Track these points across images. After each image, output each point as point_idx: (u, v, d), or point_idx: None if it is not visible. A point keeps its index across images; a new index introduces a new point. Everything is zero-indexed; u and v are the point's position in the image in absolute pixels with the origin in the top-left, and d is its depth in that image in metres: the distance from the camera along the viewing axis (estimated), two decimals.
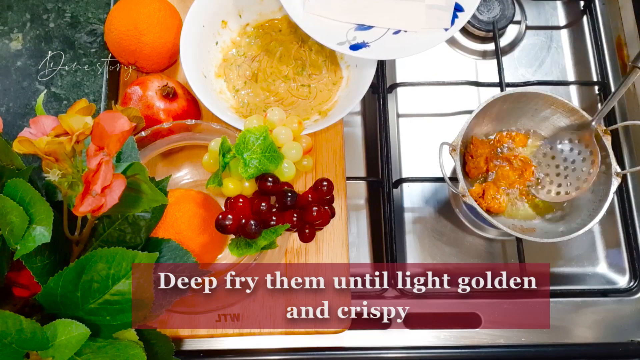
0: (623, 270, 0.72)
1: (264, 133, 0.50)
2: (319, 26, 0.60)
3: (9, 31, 0.67)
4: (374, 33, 0.60)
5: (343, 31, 0.60)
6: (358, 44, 0.59)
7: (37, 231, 0.40)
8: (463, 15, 0.60)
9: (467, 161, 0.67)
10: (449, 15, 0.60)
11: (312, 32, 0.58)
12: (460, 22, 0.59)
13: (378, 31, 0.60)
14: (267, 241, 0.49)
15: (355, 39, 0.59)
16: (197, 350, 0.61)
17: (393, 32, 0.60)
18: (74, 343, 0.39)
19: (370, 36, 0.60)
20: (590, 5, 0.82)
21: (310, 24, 0.59)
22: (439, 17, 0.60)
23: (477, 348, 0.64)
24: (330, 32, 0.60)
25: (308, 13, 0.60)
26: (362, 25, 0.60)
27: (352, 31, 0.60)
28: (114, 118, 0.39)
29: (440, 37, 0.60)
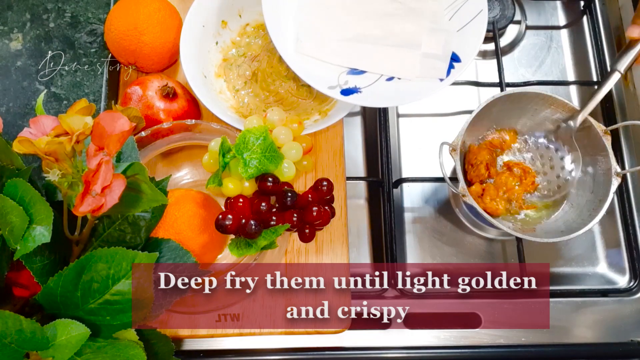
0: (623, 270, 0.72)
1: (264, 133, 0.50)
2: (310, 67, 0.57)
3: (9, 31, 0.67)
4: (366, 78, 0.58)
5: (335, 74, 0.58)
6: (350, 89, 0.56)
7: (37, 231, 0.40)
8: (459, 66, 0.58)
9: (468, 170, 0.66)
10: (445, 66, 0.58)
11: (303, 73, 0.55)
12: (457, 72, 0.58)
13: (371, 77, 0.58)
14: (267, 241, 0.49)
15: (347, 83, 0.57)
16: (197, 350, 0.61)
17: (386, 78, 0.58)
18: (74, 343, 0.39)
19: (363, 81, 0.58)
20: (590, 5, 0.82)
21: (301, 65, 0.57)
22: (435, 67, 0.58)
23: (477, 348, 0.64)
24: (321, 74, 0.57)
25: (300, 53, 0.58)
26: (355, 69, 0.58)
27: (344, 75, 0.58)
28: (114, 118, 0.39)
29: (434, 86, 0.58)
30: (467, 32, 0.59)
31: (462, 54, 0.58)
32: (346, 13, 0.60)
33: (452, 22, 0.60)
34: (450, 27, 0.60)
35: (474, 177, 0.66)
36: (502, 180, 0.66)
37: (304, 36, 0.58)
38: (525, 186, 0.66)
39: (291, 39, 0.58)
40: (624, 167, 0.74)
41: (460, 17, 0.60)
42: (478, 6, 0.60)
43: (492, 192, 0.65)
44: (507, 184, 0.66)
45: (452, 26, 0.60)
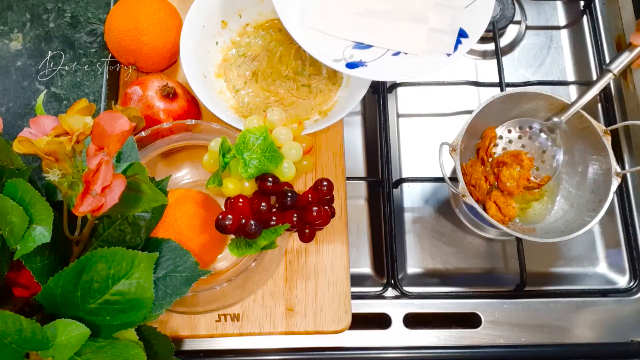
0: (623, 270, 0.72)
1: (264, 133, 0.50)
2: (315, 41, 0.57)
3: (9, 31, 0.67)
4: (372, 52, 0.58)
5: (340, 48, 0.57)
6: (355, 63, 0.56)
7: (37, 231, 0.40)
8: (467, 42, 0.57)
9: (472, 192, 0.66)
10: (452, 41, 0.57)
11: (308, 46, 0.55)
12: (464, 48, 0.57)
13: (377, 51, 0.58)
14: (267, 241, 0.49)
15: (353, 57, 0.57)
16: (197, 350, 0.61)
17: (392, 53, 0.58)
18: (74, 343, 0.39)
19: (369, 55, 0.57)
20: (590, 5, 0.82)
21: (306, 38, 0.56)
22: (442, 42, 0.58)
23: (477, 348, 0.64)
24: (326, 48, 0.57)
25: (305, 26, 0.57)
26: (361, 43, 0.58)
27: (349, 49, 0.57)
28: (114, 118, 0.39)
29: (441, 61, 0.57)
30: (474, 8, 0.58)
31: (469, 30, 0.58)
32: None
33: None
34: (458, 3, 0.59)
35: (481, 195, 0.66)
36: (506, 177, 0.66)
37: (309, 9, 0.58)
38: (526, 166, 0.67)
39: (296, 12, 0.57)
40: (624, 167, 0.74)
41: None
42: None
43: (501, 200, 0.65)
44: (512, 178, 0.66)
45: (460, 3, 0.59)
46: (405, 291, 0.66)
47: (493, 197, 0.65)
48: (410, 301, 0.66)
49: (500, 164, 0.67)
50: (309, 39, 0.56)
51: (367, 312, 0.66)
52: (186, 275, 0.47)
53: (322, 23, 0.58)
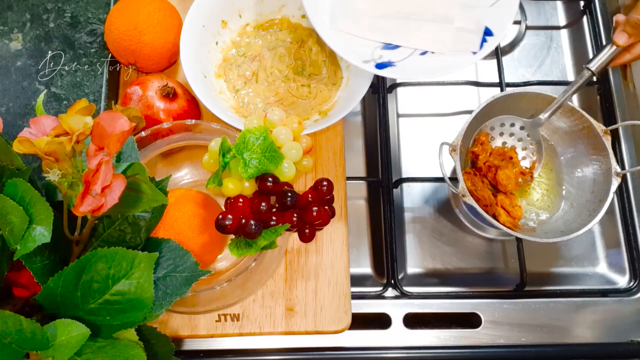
0: (623, 270, 0.72)
1: (264, 133, 0.50)
2: (345, 43, 0.58)
3: (9, 31, 0.67)
4: (400, 53, 0.59)
5: (369, 49, 0.59)
6: (384, 63, 0.57)
7: (37, 231, 0.40)
8: (492, 40, 0.58)
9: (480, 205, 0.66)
10: (477, 39, 0.59)
11: (338, 48, 0.56)
12: (490, 46, 0.58)
13: (405, 51, 0.59)
14: (267, 241, 0.49)
15: (382, 57, 0.58)
16: (197, 350, 0.61)
17: (420, 52, 0.59)
18: (74, 343, 0.39)
19: (397, 56, 0.59)
20: (590, 5, 0.82)
21: (337, 41, 0.57)
22: (468, 41, 0.59)
23: (477, 348, 0.64)
24: (356, 49, 0.59)
25: (335, 29, 0.59)
26: (389, 44, 0.59)
27: (378, 50, 0.59)
28: (114, 118, 0.39)
29: (467, 60, 0.58)
30: (499, 6, 0.60)
31: (494, 28, 0.59)
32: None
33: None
34: (483, 2, 0.60)
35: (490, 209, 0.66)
36: (504, 178, 0.66)
37: (339, 12, 0.59)
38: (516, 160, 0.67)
39: (326, 15, 0.59)
40: (624, 167, 0.74)
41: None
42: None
43: (507, 203, 0.65)
44: (508, 178, 0.66)
45: (485, 2, 0.60)
46: (405, 291, 0.66)
47: (499, 202, 0.66)
48: (410, 301, 0.66)
49: (491, 168, 0.67)
50: (338, 41, 0.57)
51: (367, 312, 0.66)
52: (186, 275, 0.47)
53: (351, 26, 0.59)
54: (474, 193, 0.64)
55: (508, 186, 0.66)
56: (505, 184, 0.66)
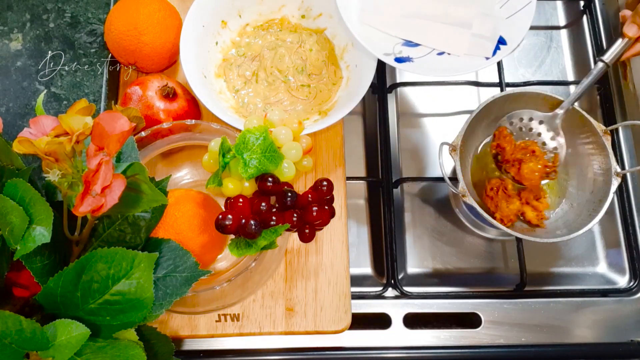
0: (623, 270, 0.72)
1: (264, 133, 0.50)
2: (369, 36, 0.63)
3: (9, 31, 0.67)
4: (419, 50, 0.64)
5: (391, 44, 0.64)
6: (403, 58, 0.63)
7: (37, 231, 0.40)
8: (505, 48, 0.63)
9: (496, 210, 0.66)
10: (492, 46, 0.63)
11: (362, 39, 0.60)
12: (502, 54, 0.63)
13: (423, 49, 0.64)
14: (267, 241, 0.49)
15: (401, 52, 0.63)
16: (197, 350, 0.61)
17: (437, 52, 0.64)
18: (74, 343, 0.39)
19: (416, 53, 0.64)
20: (590, 5, 0.82)
21: (362, 33, 0.62)
22: (482, 46, 0.63)
23: (477, 348, 0.64)
24: (379, 43, 0.63)
25: (362, 22, 0.64)
26: (410, 42, 0.65)
27: (399, 45, 0.64)
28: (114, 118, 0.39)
29: (480, 64, 0.63)
30: (515, 19, 0.65)
31: (508, 38, 0.64)
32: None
33: (503, 10, 0.66)
34: (500, 14, 0.66)
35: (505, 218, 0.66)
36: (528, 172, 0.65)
37: (368, 7, 0.65)
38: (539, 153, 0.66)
39: (354, 9, 0.65)
40: (624, 167, 0.74)
41: (510, 6, 0.66)
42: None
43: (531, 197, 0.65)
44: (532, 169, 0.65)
45: (502, 14, 0.65)
46: (405, 291, 0.66)
47: (524, 198, 0.65)
48: (410, 301, 0.66)
49: (514, 162, 0.66)
50: (363, 34, 0.62)
51: (367, 312, 0.66)
52: (186, 275, 0.47)
53: (377, 21, 0.65)
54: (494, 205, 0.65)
55: (532, 180, 0.65)
56: (530, 178, 0.65)
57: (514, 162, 0.66)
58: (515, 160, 0.66)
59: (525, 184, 0.66)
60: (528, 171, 0.65)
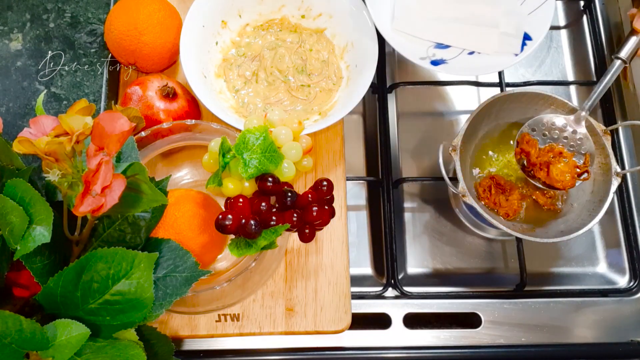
0: (623, 270, 0.72)
1: (264, 133, 0.50)
2: (403, 42, 0.67)
3: (9, 31, 0.67)
4: (451, 52, 0.67)
5: (424, 48, 0.67)
6: (437, 60, 0.66)
7: (37, 231, 0.40)
8: (531, 44, 0.66)
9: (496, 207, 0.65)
10: (518, 43, 0.66)
11: (398, 46, 0.64)
12: (529, 49, 0.65)
13: (454, 50, 0.67)
14: (267, 241, 0.49)
15: (435, 55, 0.66)
16: (197, 350, 0.61)
17: (468, 52, 0.67)
18: (74, 343, 0.39)
19: (448, 54, 0.67)
20: (590, 5, 0.82)
21: (396, 39, 0.66)
22: (510, 44, 0.66)
23: (477, 348, 0.64)
24: (413, 48, 0.67)
25: (395, 29, 0.67)
26: (441, 44, 0.67)
27: (431, 48, 0.67)
28: (114, 118, 0.39)
29: (510, 61, 0.66)
30: (536, 15, 0.67)
31: (532, 33, 0.66)
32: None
33: (523, 6, 0.68)
34: (523, 10, 0.68)
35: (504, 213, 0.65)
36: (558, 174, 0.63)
37: (399, 14, 0.68)
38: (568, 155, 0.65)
39: (387, 17, 0.68)
40: (624, 167, 0.74)
41: (531, 2, 0.68)
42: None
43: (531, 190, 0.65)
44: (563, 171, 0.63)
45: (524, 10, 0.68)
46: (405, 291, 0.66)
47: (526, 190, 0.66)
48: (410, 301, 0.66)
49: (542, 166, 0.65)
50: (397, 40, 0.66)
51: (367, 312, 0.66)
52: (186, 275, 0.47)
53: (409, 26, 0.67)
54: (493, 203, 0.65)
55: (564, 182, 0.63)
56: (561, 180, 0.63)
57: (541, 166, 0.65)
58: (542, 163, 0.65)
59: (558, 186, 0.64)
60: (558, 173, 0.63)
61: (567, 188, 0.64)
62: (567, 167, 0.64)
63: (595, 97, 0.65)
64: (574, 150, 0.66)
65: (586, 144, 0.66)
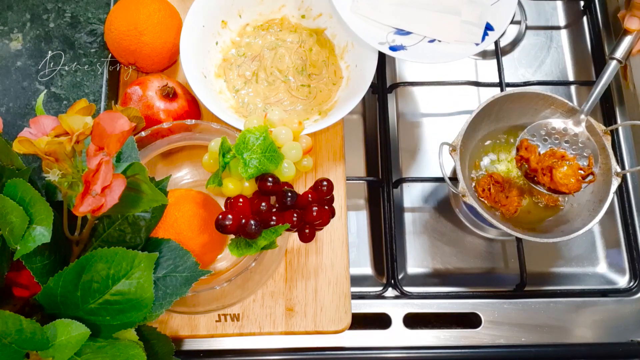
0: (623, 270, 0.72)
1: (264, 133, 0.50)
2: (362, 25, 0.65)
3: (9, 31, 0.67)
4: (411, 39, 0.66)
5: (384, 33, 0.65)
6: (396, 46, 0.64)
7: (37, 231, 0.40)
8: (493, 34, 0.65)
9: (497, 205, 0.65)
10: (480, 32, 0.66)
11: (356, 29, 0.63)
12: (490, 39, 0.65)
13: (415, 37, 0.66)
14: (267, 241, 0.49)
15: (394, 41, 0.65)
16: (197, 350, 0.61)
17: (428, 40, 0.66)
18: (74, 343, 0.39)
19: (408, 41, 0.65)
20: (590, 5, 0.82)
21: (355, 22, 0.64)
22: (472, 32, 0.65)
23: (477, 348, 0.64)
24: (372, 32, 0.65)
25: (355, 12, 0.65)
26: (402, 30, 0.66)
27: (391, 34, 0.65)
28: (114, 118, 0.39)
29: (470, 50, 0.65)
30: (500, 5, 0.67)
31: (495, 24, 0.66)
32: None
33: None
34: (485, 1, 0.68)
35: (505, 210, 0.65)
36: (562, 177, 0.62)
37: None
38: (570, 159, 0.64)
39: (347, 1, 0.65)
40: (624, 167, 0.74)
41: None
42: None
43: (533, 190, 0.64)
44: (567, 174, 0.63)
45: (487, 0, 0.68)
46: (405, 291, 0.66)
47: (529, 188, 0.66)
48: (410, 301, 0.66)
49: (544, 171, 0.64)
50: (357, 24, 0.64)
51: (367, 312, 0.66)
52: (186, 275, 0.47)
53: (370, 10, 0.66)
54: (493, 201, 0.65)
55: (569, 185, 0.63)
56: (566, 184, 0.63)
57: (544, 171, 0.64)
58: (545, 168, 0.64)
59: (563, 190, 0.63)
60: (562, 176, 0.63)
61: (573, 192, 0.63)
62: (570, 170, 0.63)
63: (593, 99, 0.64)
64: (577, 153, 0.66)
65: (589, 146, 0.65)
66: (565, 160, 0.64)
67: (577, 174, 0.64)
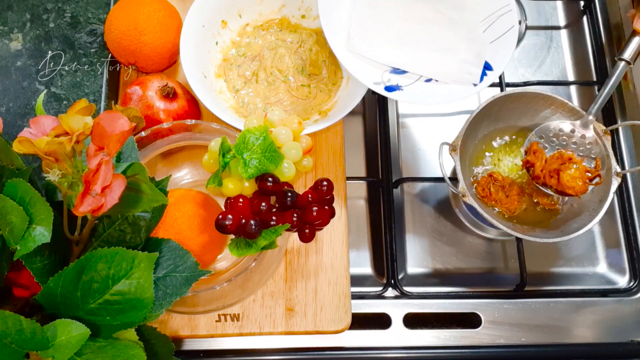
0: (623, 270, 0.72)
1: (264, 133, 0.50)
2: (358, 64, 0.62)
3: (9, 31, 0.67)
4: (407, 78, 0.63)
5: (379, 72, 0.62)
6: (392, 86, 0.61)
7: (37, 231, 0.40)
8: (492, 74, 0.63)
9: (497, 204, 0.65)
10: (478, 72, 0.63)
11: (351, 68, 0.60)
12: (489, 79, 0.63)
13: (411, 77, 0.63)
14: (267, 241, 0.49)
15: (390, 81, 0.62)
16: (197, 350, 0.61)
17: (425, 79, 0.63)
18: (74, 343, 0.39)
19: (404, 80, 0.62)
20: (590, 5, 0.82)
21: (350, 61, 0.61)
22: (470, 72, 0.63)
23: (477, 348, 0.64)
24: (368, 70, 0.62)
25: (350, 50, 0.62)
26: (397, 69, 0.63)
27: (387, 73, 0.62)
28: (114, 118, 0.39)
29: (468, 91, 0.62)
30: (499, 44, 0.64)
31: (494, 63, 0.64)
32: (394, 17, 0.65)
33: (486, 34, 0.65)
34: (484, 38, 0.65)
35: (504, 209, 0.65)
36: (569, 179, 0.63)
37: (355, 35, 0.63)
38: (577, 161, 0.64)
39: (343, 36, 0.63)
40: (624, 167, 0.74)
41: (493, 30, 0.65)
42: (510, 22, 0.64)
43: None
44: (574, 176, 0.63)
45: (486, 38, 0.65)
46: (405, 291, 0.66)
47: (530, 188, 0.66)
48: (410, 301, 0.66)
49: (552, 173, 0.64)
50: (352, 62, 0.61)
51: (367, 312, 0.66)
52: (186, 275, 0.47)
53: (365, 49, 0.63)
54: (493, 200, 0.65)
55: (576, 187, 0.63)
56: (573, 186, 0.63)
57: (551, 174, 0.64)
58: (552, 171, 0.64)
59: (570, 192, 0.63)
60: (569, 179, 0.63)
61: (579, 194, 0.63)
62: (577, 172, 0.63)
63: (601, 101, 0.64)
64: (584, 155, 0.66)
65: (596, 148, 0.65)
66: (572, 163, 0.64)
67: (584, 176, 0.63)
